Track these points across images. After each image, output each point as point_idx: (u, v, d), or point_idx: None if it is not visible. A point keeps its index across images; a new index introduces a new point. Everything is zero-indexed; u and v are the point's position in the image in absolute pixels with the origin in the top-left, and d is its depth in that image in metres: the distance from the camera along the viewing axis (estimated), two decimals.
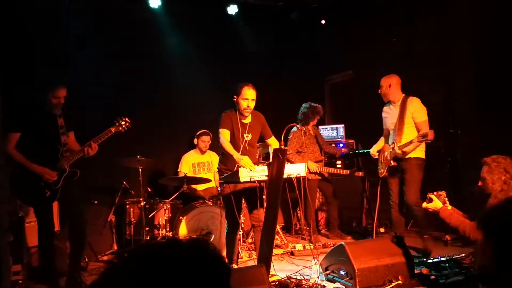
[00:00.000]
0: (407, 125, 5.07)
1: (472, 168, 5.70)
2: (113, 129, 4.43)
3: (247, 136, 4.56)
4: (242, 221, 5.35)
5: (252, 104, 4.52)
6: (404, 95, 5.21)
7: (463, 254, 4.29)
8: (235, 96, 4.53)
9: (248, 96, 4.47)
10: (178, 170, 6.41)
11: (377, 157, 5.44)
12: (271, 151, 4.67)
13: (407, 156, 5.03)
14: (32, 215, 4.56)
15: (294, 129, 5.99)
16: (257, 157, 5.03)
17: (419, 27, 6.49)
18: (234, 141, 4.51)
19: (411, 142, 4.85)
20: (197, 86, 6.98)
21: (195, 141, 6.45)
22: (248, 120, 4.62)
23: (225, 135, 4.46)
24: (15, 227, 4.33)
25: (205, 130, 6.35)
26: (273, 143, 4.69)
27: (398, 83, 5.23)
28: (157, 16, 6.71)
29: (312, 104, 6.15)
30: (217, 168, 4.77)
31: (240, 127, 4.54)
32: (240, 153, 4.42)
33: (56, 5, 5.96)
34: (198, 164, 6.42)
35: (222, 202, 5.71)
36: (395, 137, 5.12)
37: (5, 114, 3.22)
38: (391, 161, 5.15)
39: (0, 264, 1.82)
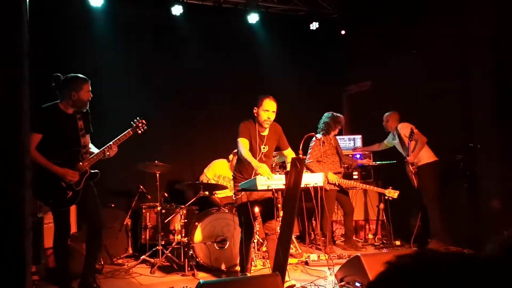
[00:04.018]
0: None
1: (491, 182, 5.66)
2: (131, 131, 4.47)
3: (264, 148, 4.57)
4: (257, 229, 5.33)
5: (272, 116, 4.51)
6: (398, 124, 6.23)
7: None
8: (255, 108, 4.52)
9: (269, 108, 4.47)
10: (204, 171, 6.45)
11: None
12: (287, 161, 4.64)
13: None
14: (50, 216, 4.58)
15: (316, 138, 5.98)
16: (273, 166, 4.99)
17: (439, 39, 6.45)
18: (251, 152, 4.50)
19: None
20: (216, 93, 7.03)
21: (231, 157, 6.35)
22: (266, 132, 4.61)
23: (244, 143, 4.45)
24: (35, 227, 4.36)
25: None
26: (290, 154, 4.65)
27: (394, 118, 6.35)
28: (179, 24, 6.79)
29: (334, 113, 6.14)
30: (232, 175, 4.76)
31: (258, 139, 4.55)
32: None
33: (80, 11, 6.10)
34: (224, 177, 6.41)
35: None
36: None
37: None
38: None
39: (24, 264, 1.85)
